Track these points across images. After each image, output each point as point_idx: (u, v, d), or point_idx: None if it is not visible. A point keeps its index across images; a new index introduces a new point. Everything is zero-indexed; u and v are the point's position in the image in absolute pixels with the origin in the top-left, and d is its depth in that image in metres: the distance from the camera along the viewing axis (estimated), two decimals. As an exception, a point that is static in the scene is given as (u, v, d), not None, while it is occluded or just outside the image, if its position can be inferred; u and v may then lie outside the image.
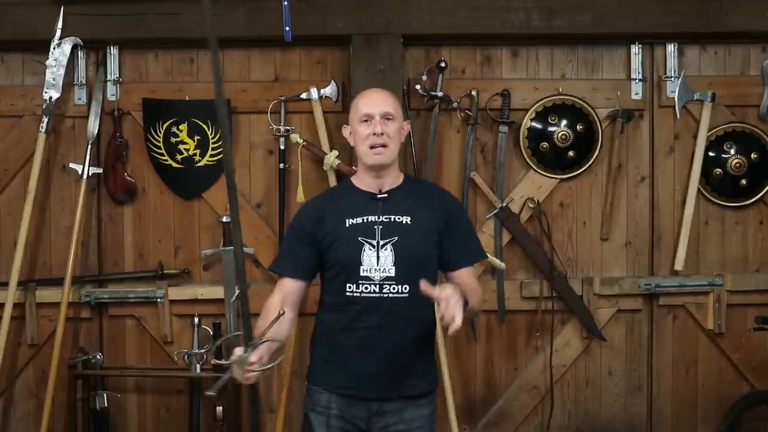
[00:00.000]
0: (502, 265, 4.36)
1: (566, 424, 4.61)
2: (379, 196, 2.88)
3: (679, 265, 4.52)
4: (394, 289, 2.80)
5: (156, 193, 4.53)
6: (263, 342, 2.59)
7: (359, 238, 2.81)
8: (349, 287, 2.81)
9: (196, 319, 4.35)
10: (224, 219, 4.42)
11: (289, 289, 2.90)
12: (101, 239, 4.53)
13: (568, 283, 4.49)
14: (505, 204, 4.48)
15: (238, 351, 2.59)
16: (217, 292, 4.41)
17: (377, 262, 2.81)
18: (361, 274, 2.81)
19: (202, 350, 4.32)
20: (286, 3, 4.26)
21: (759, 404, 4.46)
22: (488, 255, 4.30)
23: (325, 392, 2.88)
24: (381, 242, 2.81)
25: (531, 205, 4.50)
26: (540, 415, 4.59)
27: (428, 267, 2.87)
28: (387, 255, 2.81)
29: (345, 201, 2.91)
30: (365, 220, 2.84)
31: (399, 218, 2.84)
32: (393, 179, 2.92)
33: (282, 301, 2.81)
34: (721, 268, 4.59)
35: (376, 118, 2.85)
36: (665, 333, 4.59)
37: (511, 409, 4.57)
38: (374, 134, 2.84)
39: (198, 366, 4.32)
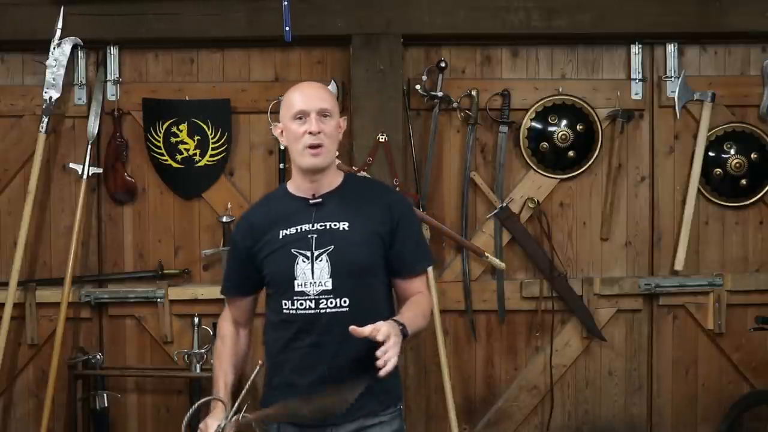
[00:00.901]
0: (502, 265, 4.36)
1: (566, 424, 4.60)
2: (312, 201, 2.59)
3: (679, 265, 4.52)
4: (331, 303, 2.52)
5: (156, 193, 4.53)
6: (243, 417, 2.45)
7: (292, 250, 2.53)
8: (285, 304, 2.55)
9: (196, 319, 4.35)
10: (224, 219, 4.42)
11: (238, 306, 2.73)
12: (101, 239, 4.53)
13: (568, 283, 4.49)
14: (505, 204, 4.48)
15: (213, 423, 2.54)
16: (217, 292, 4.33)
17: (312, 275, 2.53)
18: (296, 289, 2.53)
19: (202, 350, 4.32)
20: (286, 3, 4.26)
21: (759, 404, 4.45)
22: (488, 255, 4.31)
23: (273, 422, 2.62)
24: (316, 253, 2.53)
25: (531, 205, 4.50)
26: (540, 415, 4.59)
27: (372, 276, 2.58)
28: (323, 266, 2.53)
29: (279, 210, 2.63)
30: (299, 230, 2.56)
31: (335, 225, 2.55)
32: (330, 181, 2.63)
33: (236, 332, 2.72)
34: (721, 268, 4.59)
35: (312, 115, 2.55)
36: (665, 333, 4.59)
37: (511, 409, 4.57)
38: (310, 133, 2.54)
39: (198, 366, 4.32)
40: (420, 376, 4.53)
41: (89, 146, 4.40)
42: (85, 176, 4.37)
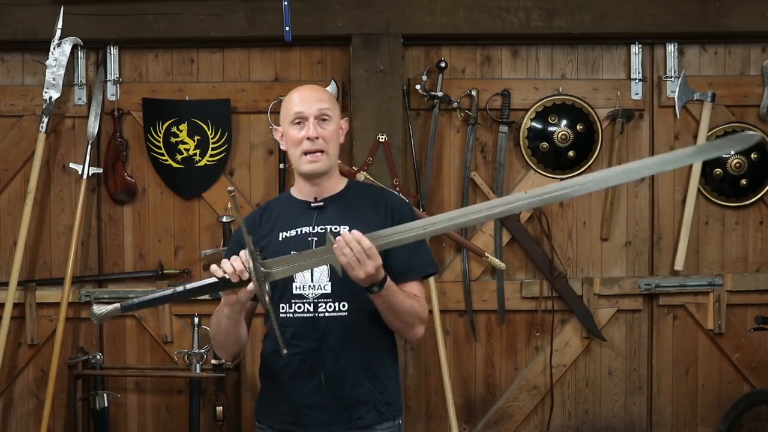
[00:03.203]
0: (502, 265, 4.36)
1: (566, 424, 4.61)
2: (313, 205, 2.58)
3: (679, 265, 4.52)
4: (330, 307, 2.49)
5: (156, 193, 4.53)
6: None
7: (292, 252, 2.46)
8: (283, 308, 2.51)
9: (196, 319, 4.35)
10: (224, 219, 4.43)
11: None
12: (101, 239, 4.54)
13: (568, 283, 4.49)
14: (505, 204, 4.47)
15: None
16: (217, 292, 4.40)
17: (311, 278, 2.51)
18: (294, 292, 2.51)
19: (202, 350, 4.33)
20: (286, 3, 4.26)
21: (759, 404, 4.45)
22: (488, 255, 4.31)
23: (269, 429, 2.59)
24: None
25: (531, 205, 4.49)
26: (540, 415, 4.59)
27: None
28: (322, 270, 2.50)
29: (280, 213, 2.61)
30: (299, 233, 2.54)
31: (335, 228, 2.50)
32: (333, 185, 2.60)
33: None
34: (721, 268, 4.59)
35: (310, 119, 2.51)
36: (665, 333, 4.59)
37: (511, 409, 4.57)
38: (308, 138, 2.50)
39: (198, 366, 4.32)
40: (420, 376, 4.53)
41: (89, 146, 4.40)
42: (85, 176, 4.37)
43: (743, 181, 4.55)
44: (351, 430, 2.52)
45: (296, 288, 2.52)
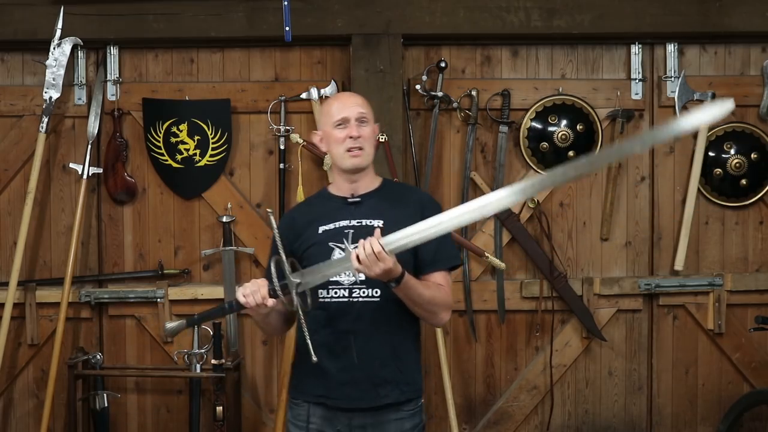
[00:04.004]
0: (502, 265, 4.36)
1: (566, 424, 4.61)
2: (350, 200, 2.82)
3: (679, 265, 4.52)
4: (363, 293, 2.72)
5: (156, 193, 4.53)
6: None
7: (330, 244, 2.74)
8: (321, 293, 2.72)
9: (196, 319, 4.35)
10: (224, 219, 4.43)
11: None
12: (101, 239, 4.54)
13: (568, 283, 4.49)
14: (505, 204, 4.47)
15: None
16: (217, 292, 4.41)
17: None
18: (331, 278, 2.71)
19: (202, 350, 4.33)
20: (286, 3, 4.26)
21: (759, 404, 4.45)
22: (488, 255, 4.31)
23: (304, 404, 2.81)
24: (351, 247, 2.68)
25: (531, 205, 4.50)
26: (540, 415, 4.59)
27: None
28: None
29: (319, 209, 2.85)
30: (337, 226, 2.77)
31: (371, 222, 2.76)
32: (368, 183, 2.85)
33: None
34: (721, 268, 4.59)
35: (352, 121, 2.78)
36: (665, 333, 4.59)
37: (511, 409, 4.57)
38: (350, 137, 2.77)
39: (198, 366, 4.33)
40: (420, 376, 4.53)
41: (89, 146, 4.40)
42: (85, 176, 4.37)
43: (743, 181, 4.55)
44: (377, 406, 2.74)
45: (333, 276, 2.71)
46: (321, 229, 2.78)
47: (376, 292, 2.72)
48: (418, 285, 2.67)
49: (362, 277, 2.67)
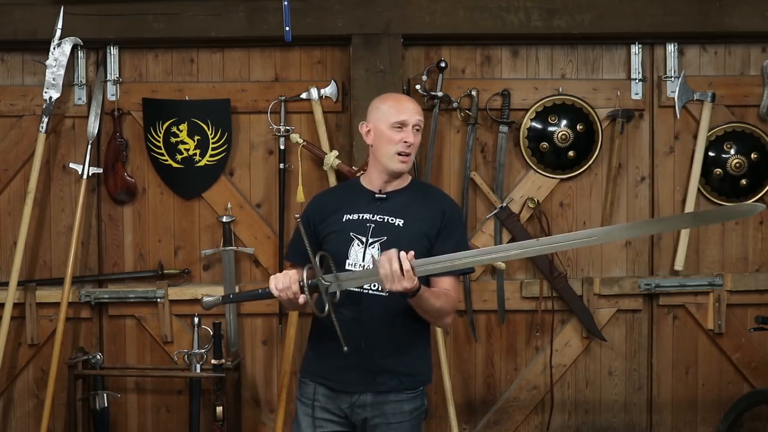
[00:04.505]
0: (502, 265, 4.36)
1: (566, 424, 4.61)
2: (377, 195, 2.95)
3: (679, 265, 4.52)
4: (374, 285, 2.85)
5: (156, 193, 4.53)
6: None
7: (351, 233, 2.89)
8: None
9: (196, 319, 4.35)
10: (224, 219, 4.43)
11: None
12: (101, 239, 4.54)
13: (568, 283, 4.49)
14: (505, 204, 4.48)
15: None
16: (217, 292, 4.40)
17: (362, 258, 2.88)
18: (346, 267, 2.87)
19: (202, 350, 4.33)
20: (286, 3, 4.26)
21: (759, 404, 4.45)
22: (488, 255, 4.31)
23: (311, 383, 2.97)
24: (370, 240, 2.87)
25: (531, 205, 4.50)
26: (540, 415, 4.59)
27: None
28: (374, 253, 2.86)
29: (348, 197, 2.99)
30: (360, 217, 2.91)
31: (392, 219, 2.90)
32: (398, 182, 2.98)
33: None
34: (721, 268, 4.59)
35: (410, 127, 2.91)
36: (665, 333, 4.59)
37: (511, 409, 4.57)
38: (405, 142, 2.90)
39: (198, 366, 4.33)
40: (420, 376, 4.53)
41: (89, 146, 4.40)
42: (85, 176, 4.37)
43: (743, 181, 4.55)
44: (372, 392, 2.90)
45: (348, 264, 2.88)
46: (345, 217, 2.92)
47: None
48: (430, 297, 2.78)
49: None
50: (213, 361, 4.23)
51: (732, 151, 4.54)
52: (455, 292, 2.93)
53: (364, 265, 2.86)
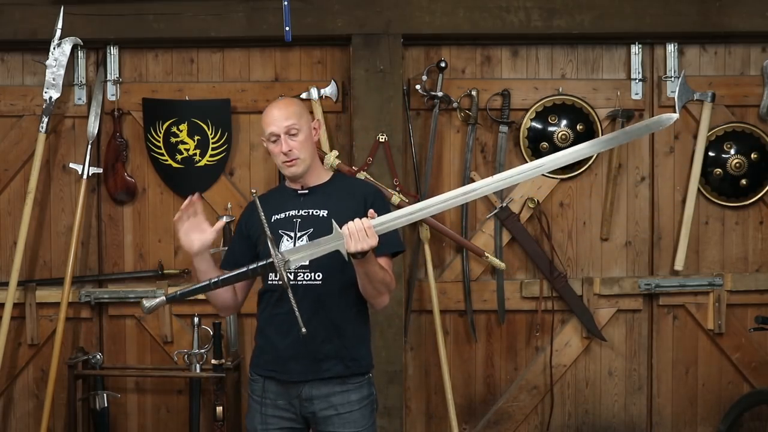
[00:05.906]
0: (502, 265, 4.36)
1: (566, 424, 4.61)
2: (299, 192, 3.05)
3: (679, 265, 4.52)
4: (307, 276, 2.93)
5: (156, 193, 4.54)
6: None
7: (279, 231, 2.96)
8: (270, 276, 2.96)
9: (196, 319, 4.35)
10: (224, 219, 4.42)
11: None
12: (101, 239, 4.54)
13: (568, 283, 4.49)
14: (505, 204, 4.48)
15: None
16: (217, 292, 4.40)
17: None
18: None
19: (202, 350, 4.33)
20: (286, 3, 4.26)
21: (759, 404, 4.46)
22: (488, 255, 4.31)
23: (259, 378, 3.03)
24: (298, 234, 2.96)
25: (531, 205, 4.50)
26: (540, 415, 4.59)
27: (344, 257, 2.86)
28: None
29: (274, 200, 3.08)
30: (287, 215, 3.00)
31: (317, 212, 2.99)
32: (317, 177, 3.07)
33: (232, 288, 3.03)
34: (721, 268, 4.59)
35: (282, 136, 2.99)
36: (665, 333, 4.59)
37: (511, 409, 4.57)
38: (283, 153, 2.99)
39: (198, 366, 4.32)
40: (420, 376, 4.53)
41: (89, 146, 4.40)
42: (85, 176, 4.37)
43: (743, 181, 4.55)
44: (321, 380, 2.95)
45: None
46: (273, 218, 2.99)
47: (318, 276, 2.93)
48: (376, 262, 2.85)
49: (307, 262, 2.88)
50: (213, 361, 4.23)
51: (732, 151, 4.54)
52: (391, 271, 2.97)
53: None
